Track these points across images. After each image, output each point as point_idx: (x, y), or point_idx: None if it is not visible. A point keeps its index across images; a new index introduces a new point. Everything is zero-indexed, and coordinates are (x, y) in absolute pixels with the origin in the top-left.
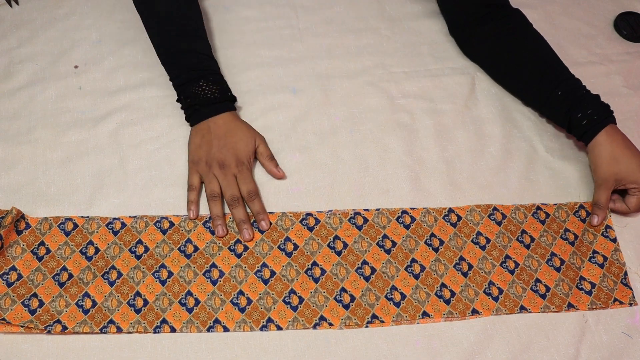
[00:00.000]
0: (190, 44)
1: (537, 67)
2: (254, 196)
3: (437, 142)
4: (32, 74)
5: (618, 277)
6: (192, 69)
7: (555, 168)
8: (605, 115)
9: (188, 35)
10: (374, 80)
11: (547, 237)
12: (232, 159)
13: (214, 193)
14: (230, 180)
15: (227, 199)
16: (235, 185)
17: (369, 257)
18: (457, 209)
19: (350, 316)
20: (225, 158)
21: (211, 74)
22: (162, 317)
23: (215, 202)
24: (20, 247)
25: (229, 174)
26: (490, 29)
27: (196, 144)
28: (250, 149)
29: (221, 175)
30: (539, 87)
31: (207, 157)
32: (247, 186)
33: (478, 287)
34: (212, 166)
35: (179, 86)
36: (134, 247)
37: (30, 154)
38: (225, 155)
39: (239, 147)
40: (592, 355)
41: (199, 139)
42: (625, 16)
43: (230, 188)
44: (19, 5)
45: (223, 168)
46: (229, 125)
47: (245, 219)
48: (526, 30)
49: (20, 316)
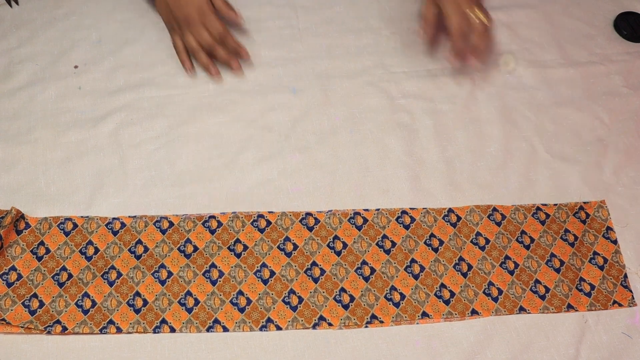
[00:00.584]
0: None
1: None
2: (225, 35)
3: (437, 142)
4: (32, 74)
5: (618, 279)
6: None
7: (555, 168)
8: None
9: None
10: (374, 80)
11: (547, 237)
12: (193, 10)
13: (193, 48)
14: (201, 31)
15: (205, 49)
16: (206, 33)
17: (368, 257)
18: (457, 209)
19: (350, 316)
20: (187, 14)
21: None
22: (162, 317)
23: (199, 54)
24: (19, 247)
25: (196, 25)
26: None
27: (162, 8)
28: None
29: (193, 31)
30: None
31: (173, 19)
32: (216, 29)
33: (477, 288)
34: (181, 26)
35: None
36: (133, 247)
37: (30, 154)
38: (185, 12)
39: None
40: (592, 355)
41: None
42: (625, 16)
43: (203, 38)
44: (19, 5)
45: (189, 25)
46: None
47: (227, 55)
48: None
49: (21, 317)
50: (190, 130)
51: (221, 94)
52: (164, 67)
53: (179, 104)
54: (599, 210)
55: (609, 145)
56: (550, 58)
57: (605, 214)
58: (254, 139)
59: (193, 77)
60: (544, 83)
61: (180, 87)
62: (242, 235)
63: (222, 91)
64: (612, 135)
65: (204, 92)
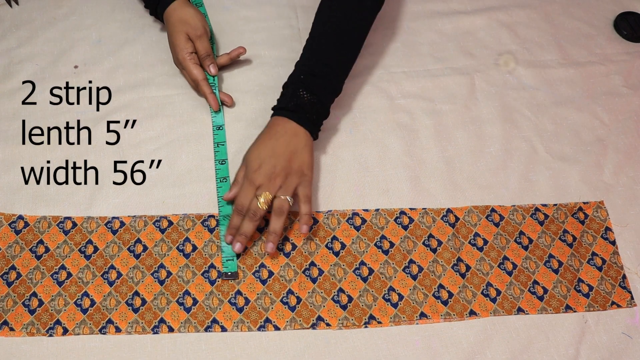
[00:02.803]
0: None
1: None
2: (197, 85)
3: (437, 142)
4: (32, 74)
5: (616, 280)
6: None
7: (555, 168)
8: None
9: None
10: (374, 80)
11: (546, 238)
12: (175, 59)
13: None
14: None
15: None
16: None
17: (366, 258)
18: (455, 210)
19: (348, 317)
20: (174, 60)
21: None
22: (160, 317)
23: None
24: (19, 246)
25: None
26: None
27: None
28: (182, 48)
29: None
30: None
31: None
32: (192, 80)
33: (476, 289)
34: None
35: None
36: (132, 246)
37: (30, 154)
38: (173, 57)
39: (175, 50)
40: (592, 355)
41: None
42: (625, 16)
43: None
44: (19, 5)
45: (178, 66)
46: (167, 23)
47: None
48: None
49: (21, 317)
50: (190, 130)
51: (221, 94)
52: (164, 67)
53: (179, 104)
54: (597, 210)
55: (608, 145)
56: (550, 58)
57: (604, 215)
58: (253, 139)
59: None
60: (544, 83)
61: (180, 87)
62: None
63: (222, 91)
64: (611, 135)
65: None
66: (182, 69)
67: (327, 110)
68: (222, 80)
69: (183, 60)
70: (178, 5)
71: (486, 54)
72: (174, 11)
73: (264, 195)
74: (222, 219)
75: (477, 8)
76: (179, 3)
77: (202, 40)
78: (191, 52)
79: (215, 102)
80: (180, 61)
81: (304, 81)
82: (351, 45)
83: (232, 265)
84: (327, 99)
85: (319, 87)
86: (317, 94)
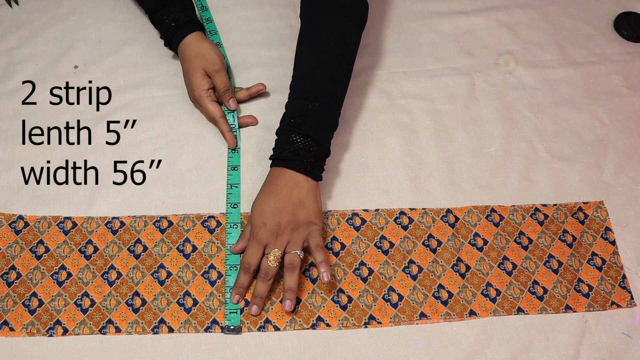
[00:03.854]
0: None
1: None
2: (215, 122)
3: (437, 142)
4: (32, 74)
5: (616, 280)
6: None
7: (555, 168)
8: (276, 156)
9: None
10: (374, 80)
11: (545, 238)
12: (192, 97)
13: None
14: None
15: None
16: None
17: (366, 258)
18: (455, 210)
19: (348, 317)
20: (191, 98)
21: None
22: (160, 317)
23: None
24: (19, 246)
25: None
26: None
27: None
28: (199, 85)
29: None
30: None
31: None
32: (208, 116)
33: (476, 289)
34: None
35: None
36: (132, 247)
37: (30, 154)
38: (190, 95)
39: (191, 87)
40: (592, 355)
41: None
42: (625, 16)
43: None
44: (19, 5)
45: (194, 102)
46: (182, 58)
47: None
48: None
49: (21, 317)
50: (190, 131)
51: None
52: (164, 67)
53: (179, 104)
54: (597, 210)
55: (608, 145)
56: (550, 58)
57: (604, 215)
58: (254, 139)
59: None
60: (544, 83)
61: (180, 87)
62: None
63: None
64: (611, 135)
65: None
66: (198, 106)
67: (326, 150)
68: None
69: (200, 97)
70: (194, 39)
71: (486, 54)
72: (190, 45)
73: (272, 253)
74: (229, 268)
75: (477, 8)
76: (194, 37)
77: (221, 74)
78: (207, 88)
79: (233, 140)
80: (197, 98)
81: (295, 125)
82: (339, 75)
83: (236, 319)
84: (323, 139)
85: (312, 128)
86: (312, 135)
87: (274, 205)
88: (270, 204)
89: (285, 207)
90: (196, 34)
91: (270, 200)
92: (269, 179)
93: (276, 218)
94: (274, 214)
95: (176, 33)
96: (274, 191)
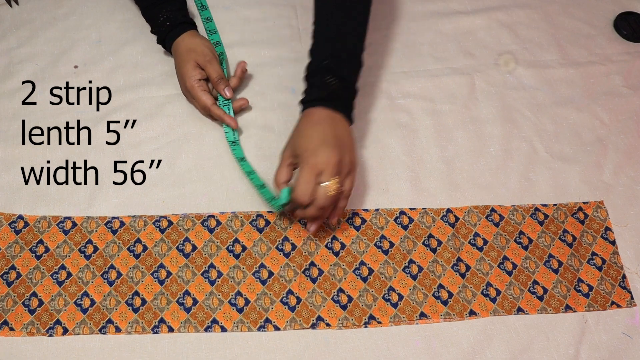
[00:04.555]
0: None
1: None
2: (208, 111)
3: (437, 142)
4: (32, 74)
5: (616, 280)
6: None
7: (555, 168)
8: (311, 98)
9: None
10: (374, 80)
11: (545, 238)
12: (184, 89)
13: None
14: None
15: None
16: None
17: (366, 258)
18: (455, 210)
19: (348, 317)
20: (182, 90)
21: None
22: (160, 317)
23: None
24: (19, 246)
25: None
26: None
27: None
28: (191, 76)
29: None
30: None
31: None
32: (201, 108)
33: (476, 289)
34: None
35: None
36: (132, 246)
37: (30, 154)
38: (181, 86)
39: (183, 79)
40: (592, 355)
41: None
42: (625, 16)
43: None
44: (19, 5)
45: (187, 95)
46: (175, 54)
47: (225, 81)
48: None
49: (21, 317)
50: (190, 130)
51: None
52: (163, 67)
53: (179, 104)
54: (597, 210)
55: (608, 145)
56: (550, 58)
57: (604, 215)
58: (254, 139)
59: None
60: (544, 83)
61: None
62: (241, 234)
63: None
64: (611, 135)
65: None
66: (191, 98)
67: (355, 90)
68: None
69: (191, 88)
70: (187, 37)
71: (486, 54)
72: (182, 41)
73: (332, 181)
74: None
75: (477, 8)
76: (187, 35)
77: (213, 64)
78: (199, 79)
79: (232, 120)
80: (189, 89)
81: (328, 67)
82: (360, 16)
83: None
84: (354, 78)
85: (344, 69)
86: (344, 75)
87: (322, 137)
88: (316, 135)
89: (331, 138)
90: (189, 32)
91: (315, 132)
92: (306, 118)
93: (326, 149)
94: (323, 144)
95: (170, 32)
96: (316, 125)
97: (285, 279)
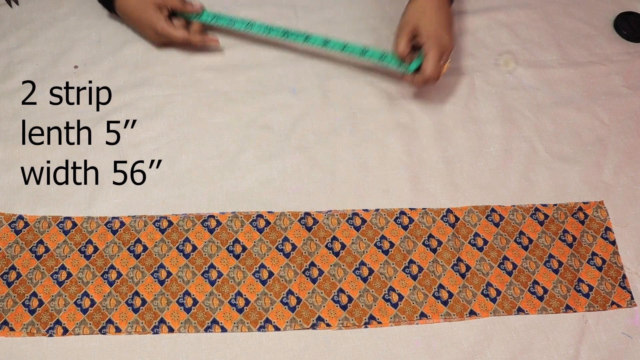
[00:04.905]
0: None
1: None
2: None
3: (437, 142)
4: (32, 74)
5: (616, 280)
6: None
7: (555, 168)
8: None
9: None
10: (374, 80)
11: (546, 238)
12: (153, 36)
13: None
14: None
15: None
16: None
17: (366, 258)
18: (455, 210)
19: (348, 317)
20: (148, 39)
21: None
22: (160, 317)
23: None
24: (19, 246)
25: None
26: None
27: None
28: (158, 18)
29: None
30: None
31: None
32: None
33: (476, 289)
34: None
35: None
36: (132, 246)
37: (30, 154)
38: (145, 37)
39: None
40: (592, 355)
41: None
42: (625, 16)
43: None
44: (19, 5)
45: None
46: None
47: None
48: None
49: (21, 317)
50: (190, 130)
51: (221, 94)
52: (163, 67)
53: (179, 104)
54: (597, 210)
55: (608, 145)
56: (550, 58)
57: (604, 215)
58: (254, 139)
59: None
60: (544, 83)
61: (180, 87)
62: (241, 235)
63: (222, 91)
64: (611, 135)
65: (203, 92)
66: (165, 41)
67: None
68: (221, 81)
69: (163, 30)
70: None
71: (486, 54)
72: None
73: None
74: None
75: (477, 8)
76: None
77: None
78: (167, 16)
79: (212, 39)
80: (161, 32)
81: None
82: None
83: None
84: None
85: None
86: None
87: (444, 22)
88: (440, 19)
89: (450, 26)
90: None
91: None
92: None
93: (448, 36)
94: (447, 31)
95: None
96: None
97: (285, 279)
